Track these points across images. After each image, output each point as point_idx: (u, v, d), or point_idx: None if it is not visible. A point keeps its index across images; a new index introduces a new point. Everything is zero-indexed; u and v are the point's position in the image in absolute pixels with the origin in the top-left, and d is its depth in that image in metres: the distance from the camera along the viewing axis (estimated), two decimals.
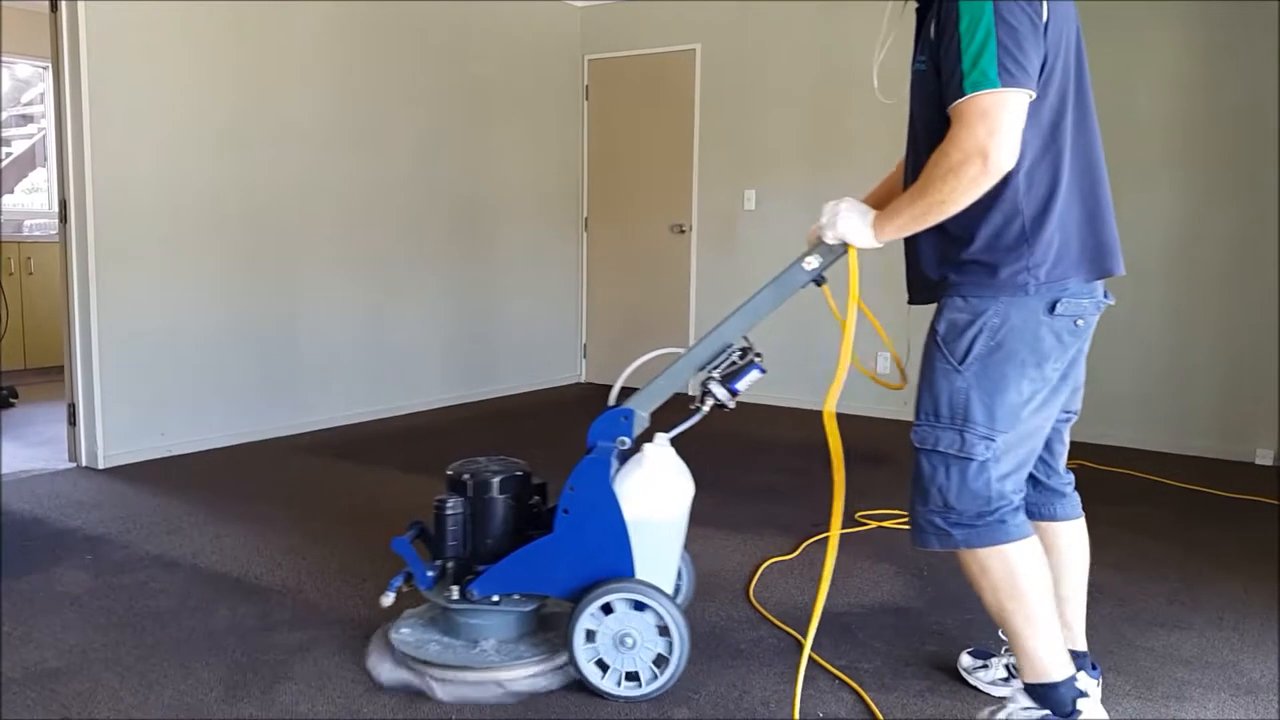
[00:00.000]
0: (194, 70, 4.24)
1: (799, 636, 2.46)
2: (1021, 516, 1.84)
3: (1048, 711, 1.84)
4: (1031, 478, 2.02)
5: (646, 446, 2.17)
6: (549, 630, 2.28)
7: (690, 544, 3.14)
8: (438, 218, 5.45)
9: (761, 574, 2.91)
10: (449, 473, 2.25)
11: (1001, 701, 1.98)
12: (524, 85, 5.95)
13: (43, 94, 6.99)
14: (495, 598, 2.18)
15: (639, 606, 2.08)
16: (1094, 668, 2.09)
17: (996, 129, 1.66)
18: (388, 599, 2.18)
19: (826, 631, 2.50)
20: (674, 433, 2.22)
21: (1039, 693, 1.84)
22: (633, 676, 2.11)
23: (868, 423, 5.29)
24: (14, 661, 2.25)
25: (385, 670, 2.19)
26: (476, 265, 5.71)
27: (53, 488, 3.77)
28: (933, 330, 1.89)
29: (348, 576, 2.83)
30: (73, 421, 4.12)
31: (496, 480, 2.21)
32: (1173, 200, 4.58)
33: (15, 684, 2.15)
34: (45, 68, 6.52)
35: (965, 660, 2.27)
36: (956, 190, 1.72)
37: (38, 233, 6.35)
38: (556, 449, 4.59)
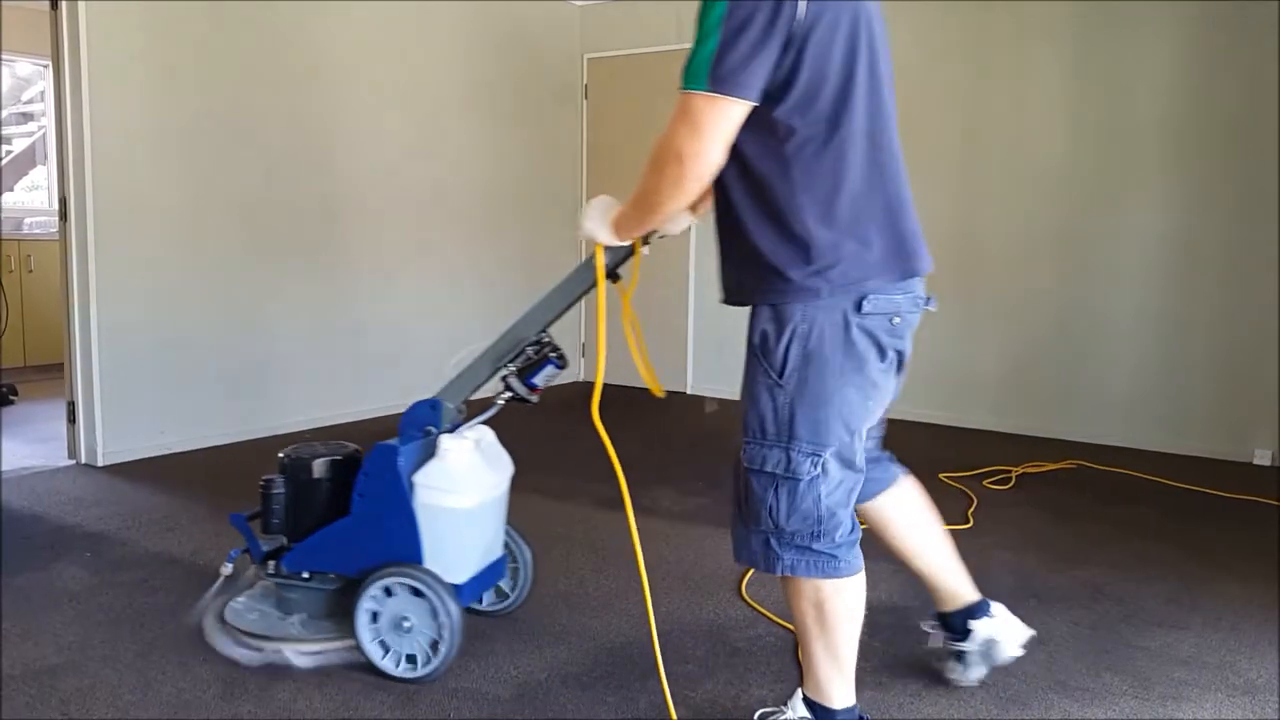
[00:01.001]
0: (194, 69, 4.24)
1: (790, 631, 2.46)
2: (856, 550, 1.79)
3: None
4: None
5: (443, 438, 2.21)
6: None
7: (686, 543, 3.16)
8: (435, 216, 5.45)
9: (756, 571, 2.91)
10: (279, 455, 2.37)
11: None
12: (522, 84, 5.95)
13: (43, 92, 7.00)
14: (305, 574, 2.31)
15: (415, 592, 2.16)
16: (986, 607, 2.14)
17: (697, 133, 1.63)
18: (226, 569, 2.37)
19: None
20: (474, 423, 2.30)
21: (817, 710, 1.84)
22: (413, 659, 2.19)
23: None
24: (13, 658, 2.26)
25: (216, 635, 2.36)
26: (473, 263, 5.71)
27: (52, 485, 3.77)
28: (749, 342, 1.81)
29: None
30: (72, 419, 4.12)
31: (314, 462, 2.32)
32: (1170, 201, 4.58)
33: (15, 681, 2.15)
34: (45, 66, 6.52)
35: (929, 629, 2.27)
36: (660, 186, 1.71)
37: (38, 230, 6.36)
38: (553, 447, 4.60)
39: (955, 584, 2.13)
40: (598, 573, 2.90)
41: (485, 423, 2.34)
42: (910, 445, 4.65)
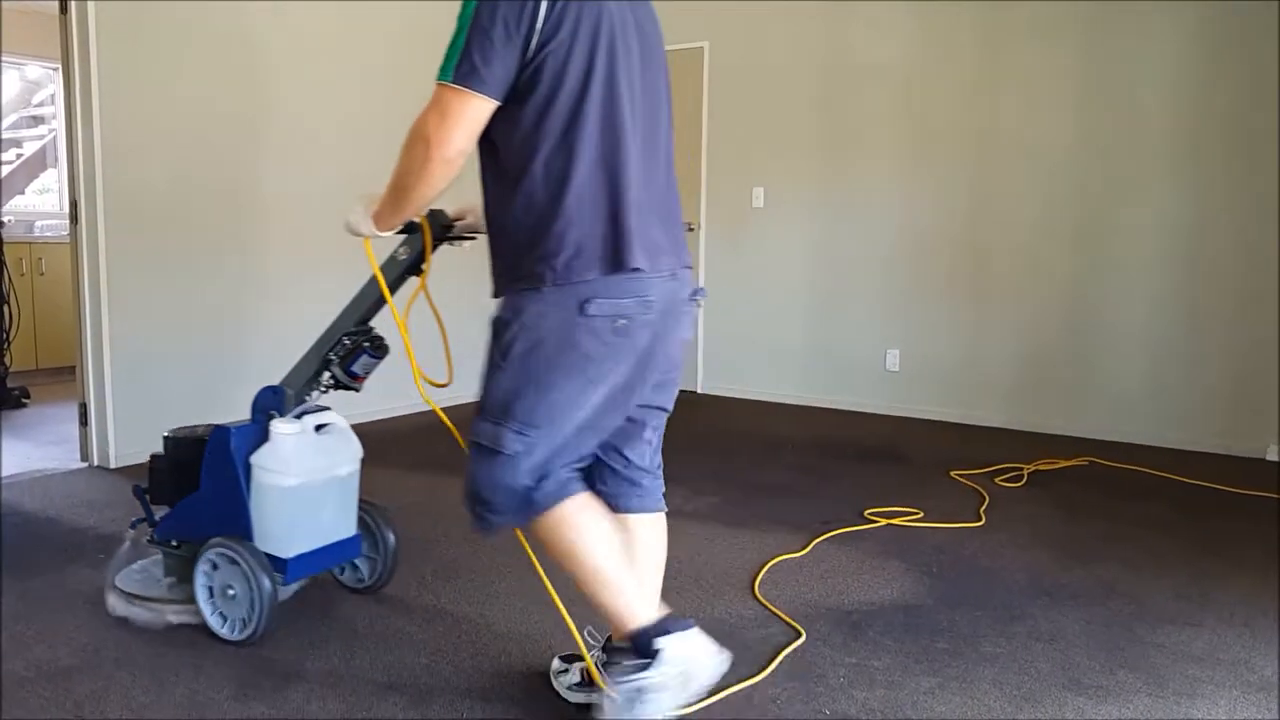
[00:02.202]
0: (203, 71, 4.26)
1: (803, 630, 2.46)
2: (550, 485, 1.84)
3: (645, 660, 1.83)
4: (609, 469, 2.01)
5: (274, 423, 2.37)
6: None
7: (697, 542, 3.16)
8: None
9: (769, 570, 2.91)
10: (164, 435, 2.60)
11: (591, 688, 2.01)
12: None
13: (53, 95, 7.02)
14: (174, 542, 2.52)
15: (233, 561, 2.34)
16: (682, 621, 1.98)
17: (442, 120, 1.75)
18: (128, 535, 2.66)
19: (836, 628, 2.50)
20: (300, 409, 2.44)
21: (632, 639, 1.86)
22: (246, 623, 2.35)
23: (880, 420, 5.29)
24: (27, 660, 2.27)
25: (109, 596, 2.57)
26: (483, 265, 5.70)
27: (65, 487, 3.78)
28: (489, 325, 1.91)
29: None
30: (84, 421, 4.14)
31: (182, 442, 2.53)
32: (1183, 195, 4.56)
33: (29, 682, 2.16)
34: (55, 69, 6.55)
35: (555, 664, 2.19)
36: (410, 169, 1.81)
37: (48, 233, 6.38)
38: None
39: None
40: None
41: (321, 408, 2.50)
42: (921, 443, 4.68)
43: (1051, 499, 3.75)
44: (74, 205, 4.02)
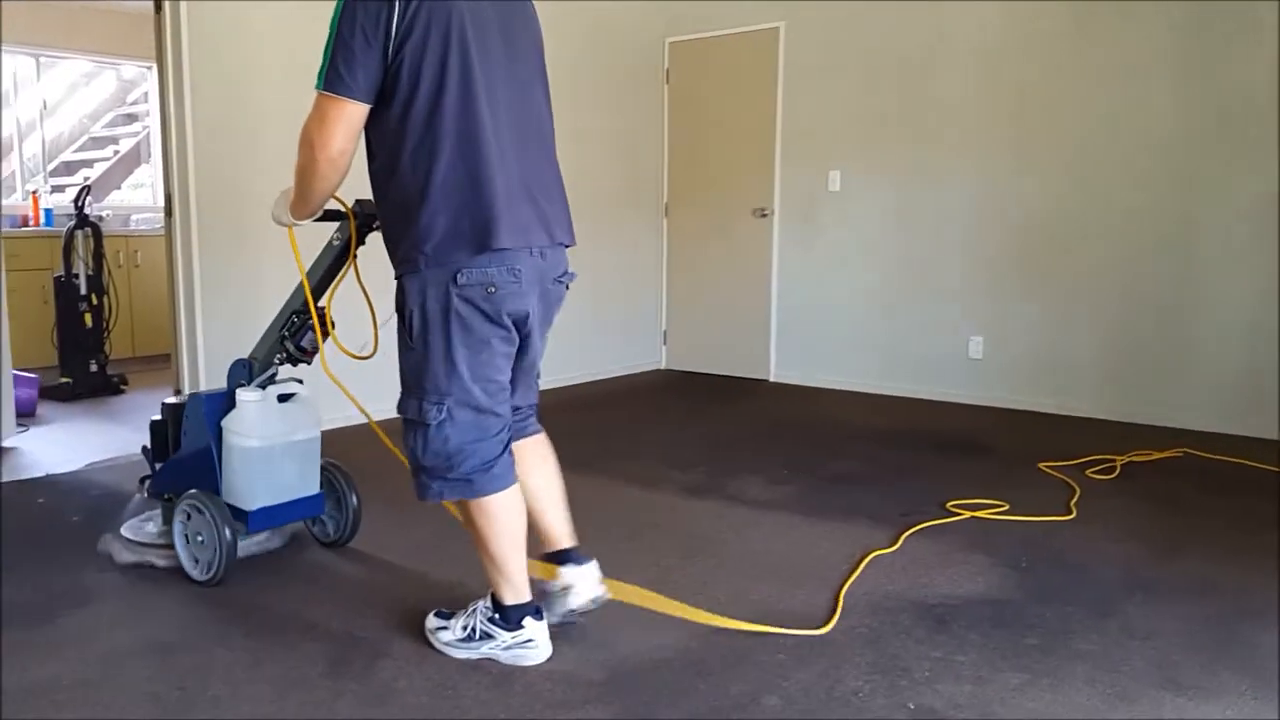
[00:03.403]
0: (291, 67, 4.35)
1: (884, 624, 2.42)
2: (488, 476, 2.10)
3: (499, 617, 2.20)
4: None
5: (239, 391, 2.68)
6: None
7: (775, 532, 3.13)
8: None
9: (848, 562, 2.87)
10: (163, 401, 2.93)
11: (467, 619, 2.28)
12: (604, 70, 5.96)
13: (146, 93, 7.27)
14: (166, 495, 2.82)
15: (200, 511, 2.64)
16: (583, 558, 2.37)
17: (321, 124, 2.00)
18: (139, 491, 2.98)
19: (920, 622, 2.45)
20: (256, 381, 2.72)
21: (505, 611, 2.19)
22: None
23: (962, 410, 5.17)
24: (132, 634, 2.36)
25: (111, 543, 2.92)
26: None
27: None
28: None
29: (440, 557, 2.89)
30: None
31: (172, 407, 2.86)
32: None
33: (134, 655, 2.25)
34: (149, 68, 6.77)
35: (431, 621, 2.34)
36: (303, 168, 2.09)
37: (144, 227, 6.62)
38: (636, 434, 4.61)
39: (556, 529, 2.38)
40: (686, 560, 2.90)
41: (293, 380, 2.83)
42: (1006, 433, 4.57)
43: (1145, 492, 3.62)
44: (168, 199, 4.15)
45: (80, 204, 5.49)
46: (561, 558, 2.37)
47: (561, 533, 2.39)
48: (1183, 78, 4.56)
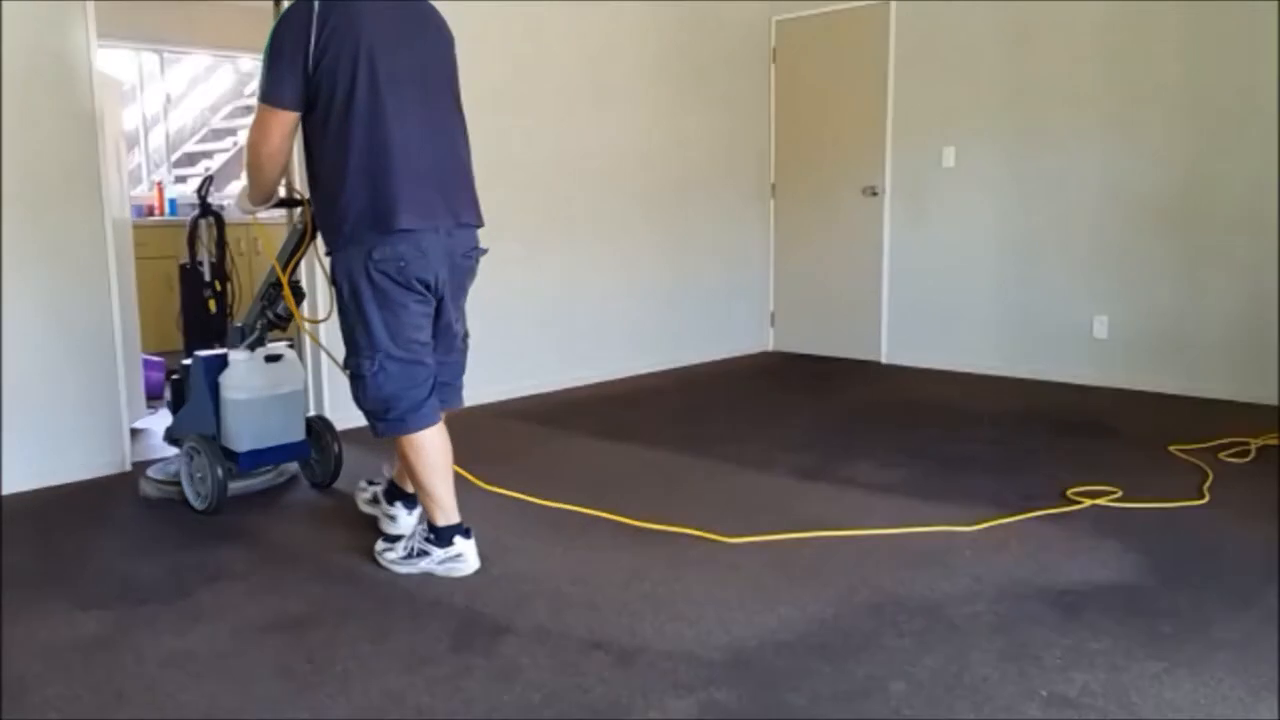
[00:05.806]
0: None
1: (1011, 610, 2.35)
2: (418, 415, 2.54)
3: (434, 536, 2.61)
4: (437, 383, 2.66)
5: (231, 352, 3.18)
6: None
7: (890, 515, 3.06)
8: (624, 186, 5.51)
9: (971, 547, 2.80)
10: (180, 362, 3.41)
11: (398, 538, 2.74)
12: (710, 50, 5.90)
13: None
14: (178, 440, 3.32)
15: (198, 453, 3.16)
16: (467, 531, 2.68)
17: (259, 130, 2.49)
18: (165, 437, 3.47)
19: (1050, 609, 2.37)
20: (245, 342, 3.18)
21: (438, 531, 2.61)
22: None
23: (1086, 391, 4.98)
24: (263, 607, 2.46)
25: (141, 481, 3.42)
26: (663, 234, 5.74)
27: None
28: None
29: (559, 535, 2.93)
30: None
31: (181, 366, 3.35)
32: None
33: (264, 629, 2.34)
34: None
35: (379, 544, 2.75)
36: (249, 163, 2.60)
37: (263, 215, 6.85)
38: (745, 417, 4.58)
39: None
40: (799, 545, 2.87)
41: (286, 341, 3.32)
42: (1133, 415, 4.38)
43: None
44: (289, 187, 4.28)
45: (203, 193, 5.72)
46: (400, 494, 2.93)
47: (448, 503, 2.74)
48: None
